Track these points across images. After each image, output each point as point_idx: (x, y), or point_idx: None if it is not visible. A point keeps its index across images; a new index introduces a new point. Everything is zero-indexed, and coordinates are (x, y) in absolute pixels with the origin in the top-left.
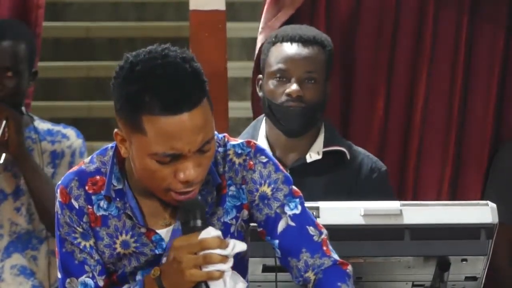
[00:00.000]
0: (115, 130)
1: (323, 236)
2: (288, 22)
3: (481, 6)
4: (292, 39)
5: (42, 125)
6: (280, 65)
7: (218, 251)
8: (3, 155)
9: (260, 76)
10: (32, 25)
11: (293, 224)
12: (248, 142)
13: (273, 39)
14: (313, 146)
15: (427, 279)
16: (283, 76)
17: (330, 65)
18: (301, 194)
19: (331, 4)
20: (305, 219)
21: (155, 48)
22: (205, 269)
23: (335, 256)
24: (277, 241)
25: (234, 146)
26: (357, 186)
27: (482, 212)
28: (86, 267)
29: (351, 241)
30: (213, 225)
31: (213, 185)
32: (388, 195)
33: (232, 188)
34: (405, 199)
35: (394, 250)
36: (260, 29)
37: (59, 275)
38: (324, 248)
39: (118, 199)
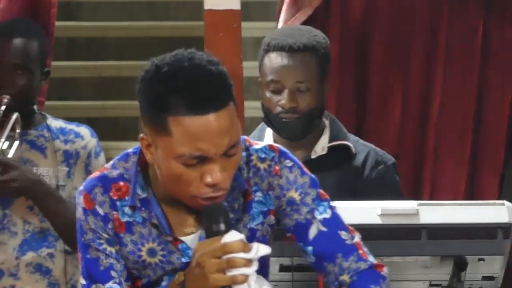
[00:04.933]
0: (140, 135)
1: (356, 239)
2: (306, 21)
3: (496, 5)
4: (282, 49)
5: (55, 123)
6: (272, 77)
7: (241, 254)
8: (15, 145)
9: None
10: (45, 24)
11: (324, 229)
12: (271, 146)
13: (266, 46)
14: (319, 143)
15: (444, 279)
16: (276, 87)
17: (325, 67)
18: (327, 196)
19: (346, 4)
20: (336, 223)
21: (181, 51)
22: (229, 274)
23: (371, 259)
24: (310, 248)
25: (257, 150)
26: (363, 180)
27: (499, 212)
28: (113, 273)
29: (367, 241)
30: (239, 232)
31: (239, 191)
32: (392, 188)
33: (259, 194)
34: (422, 199)
35: (411, 249)
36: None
37: (83, 282)
38: (360, 251)
39: (143, 208)
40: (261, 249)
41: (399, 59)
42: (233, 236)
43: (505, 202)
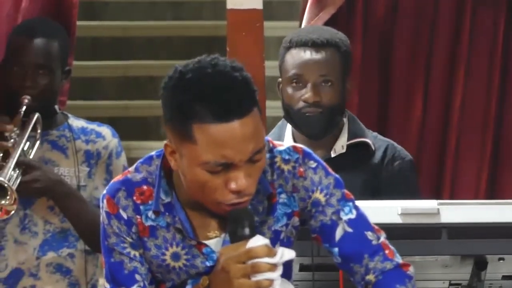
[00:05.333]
0: (165, 142)
1: (382, 240)
2: (329, 21)
3: None
4: (305, 44)
5: (77, 123)
6: (295, 71)
7: (266, 259)
8: (36, 146)
9: (280, 79)
10: (67, 24)
11: (350, 230)
12: (295, 147)
13: (288, 44)
14: (338, 141)
15: (464, 278)
16: (299, 82)
17: (347, 65)
18: (352, 196)
19: (368, 3)
20: (362, 224)
21: (204, 58)
22: (254, 279)
23: (398, 258)
24: (336, 249)
25: (280, 152)
26: (381, 175)
27: None
28: (137, 276)
29: (388, 240)
30: (263, 234)
31: (264, 194)
32: (410, 184)
33: (283, 195)
34: (443, 198)
35: (431, 249)
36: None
37: (107, 285)
38: (386, 251)
39: (167, 213)
40: (286, 254)
41: (422, 57)
42: (258, 241)
43: None
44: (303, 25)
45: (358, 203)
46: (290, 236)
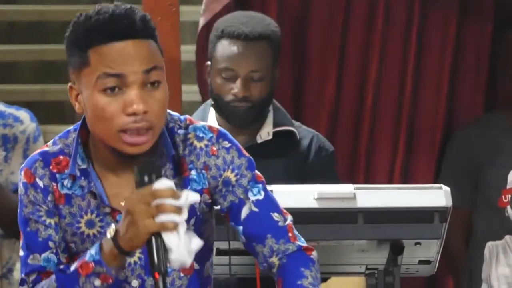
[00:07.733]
0: (69, 84)
1: (288, 222)
2: (243, 5)
3: None
4: (237, 37)
5: None
6: (226, 64)
7: (171, 201)
8: None
9: (208, 63)
10: None
11: (256, 210)
12: (210, 127)
13: (220, 33)
14: (263, 128)
15: (381, 262)
16: (229, 75)
17: (277, 55)
18: (263, 179)
19: None
20: (268, 204)
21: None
22: (158, 220)
23: (301, 242)
24: (241, 228)
25: (195, 129)
26: (307, 165)
27: (435, 196)
28: (50, 243)
29: (304, 225)
30: None
31: (167, 156)
32: (333, 176)
33: (193, 172)
34: (357, 182)
35: (348, 233)
36: (202, 11)
37: (22, 253)
38: (290, 234)
39: (83, 177)
40: (190, 197)
41: (336, 42)
42: (163, 184)
43: (442, 186)
44: (202, 8)
45: (275, 187)
46: (204, 212)
